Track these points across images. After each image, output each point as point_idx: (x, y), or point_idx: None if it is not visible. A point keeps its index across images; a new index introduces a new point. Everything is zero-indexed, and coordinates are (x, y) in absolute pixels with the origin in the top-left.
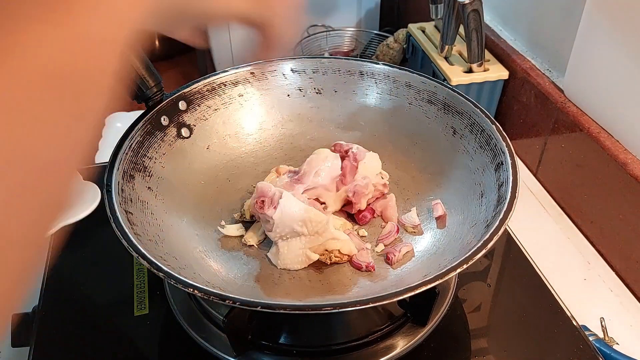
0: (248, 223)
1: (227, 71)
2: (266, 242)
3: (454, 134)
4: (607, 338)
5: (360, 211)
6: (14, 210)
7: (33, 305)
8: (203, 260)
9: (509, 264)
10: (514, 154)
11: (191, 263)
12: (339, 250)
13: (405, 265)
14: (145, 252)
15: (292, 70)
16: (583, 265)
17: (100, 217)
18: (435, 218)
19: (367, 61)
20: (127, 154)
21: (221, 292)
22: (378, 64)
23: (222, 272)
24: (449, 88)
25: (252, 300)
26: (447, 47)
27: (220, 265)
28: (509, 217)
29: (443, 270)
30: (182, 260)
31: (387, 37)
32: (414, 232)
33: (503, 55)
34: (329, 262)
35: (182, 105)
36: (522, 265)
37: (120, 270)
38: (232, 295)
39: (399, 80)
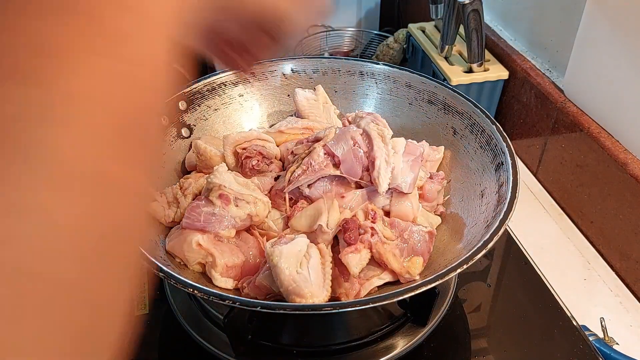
0: None
1: (227, 71)
2: None
3: (454, 134)
4: (607, 338)
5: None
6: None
7: None
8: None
9: (509, 264)
10: (514, 154)
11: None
12: None
13: None
14: (146, 253)
15: (292, 70)
16: (583, 265)
17: None
18: None
19: (367, 61)
20: None
21: (221, 292)
22: (378, 64)
23: None
24: (449, 88)
25: (251, 300)
26: (447, 47)
27: None
28: (509, 217)
29: (443, 271)
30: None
31: (387, 37)
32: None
33: (503, 55)
34: None
35: (182, 105)
36: (522, 265)
37: None
38: (232, 296)
39: (399, 81)
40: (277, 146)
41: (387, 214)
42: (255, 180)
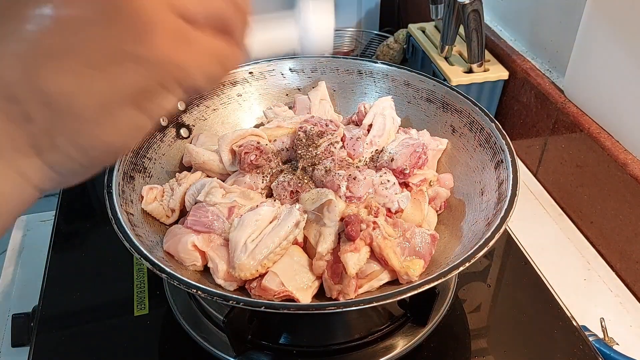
0: None
1: None
2: None
3: (453, 132)
4: (607, 338)
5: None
6: None
7: (33, 305)
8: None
9: (509, 264)
10: (514, 152)
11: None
12: None
13: None
14: (147, 254)
15: (290, 69)
16: (583, 265)
17: (100, 218)
18: None
19: (366, 60)
20: (126, 155)
21: (224, 293)
22: (376, 62)
23: None
24: (448, 86)
25: (255, 300)
26: (447, 47)
27: None
28: (510, 214)
29: (445, 269)
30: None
31: (387, 37)
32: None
33: (503, 56)
34: None
35: (180, 105)
36: (522, 265)
37: (120, 270)
38: (236, 296)
39: (397, 79)
40: (270, 141)
41: (390, 214)
42: (247, 180)
